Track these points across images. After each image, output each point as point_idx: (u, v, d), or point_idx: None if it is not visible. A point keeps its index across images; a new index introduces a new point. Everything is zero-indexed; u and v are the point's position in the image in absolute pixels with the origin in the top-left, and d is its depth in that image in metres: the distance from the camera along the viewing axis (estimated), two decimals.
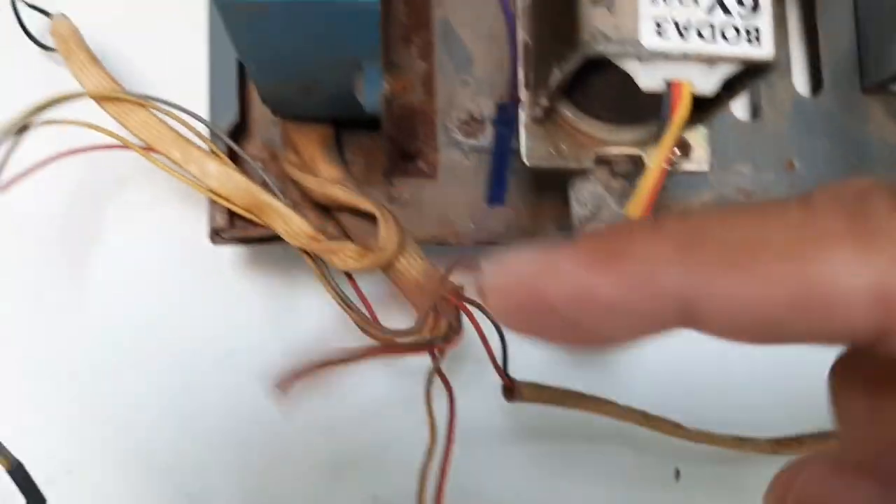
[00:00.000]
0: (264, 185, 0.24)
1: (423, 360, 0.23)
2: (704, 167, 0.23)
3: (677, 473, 0.28)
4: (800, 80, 0.29)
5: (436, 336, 0.22)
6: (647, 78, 0.19)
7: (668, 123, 0.19)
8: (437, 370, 0.23)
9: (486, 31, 0.27)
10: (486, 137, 0.26)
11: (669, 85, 0.19)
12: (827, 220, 0.10)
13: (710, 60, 0.18)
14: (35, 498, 0.19)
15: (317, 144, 0.25)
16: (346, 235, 0.25)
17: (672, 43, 0.18)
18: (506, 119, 0.25)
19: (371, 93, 0.21)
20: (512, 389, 0.24)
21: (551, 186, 0.26)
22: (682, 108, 0.19)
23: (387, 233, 0.23)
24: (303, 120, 0.25)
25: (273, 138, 0.26)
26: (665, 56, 0.18)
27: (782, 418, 0.27)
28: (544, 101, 0.22)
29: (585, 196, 0.23)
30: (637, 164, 0.23)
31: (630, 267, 0.10)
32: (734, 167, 0.27)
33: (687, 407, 0.27)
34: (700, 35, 0.18)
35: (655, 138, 0.20)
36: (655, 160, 0.20)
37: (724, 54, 0.18)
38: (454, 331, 0.22)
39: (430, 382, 0.23)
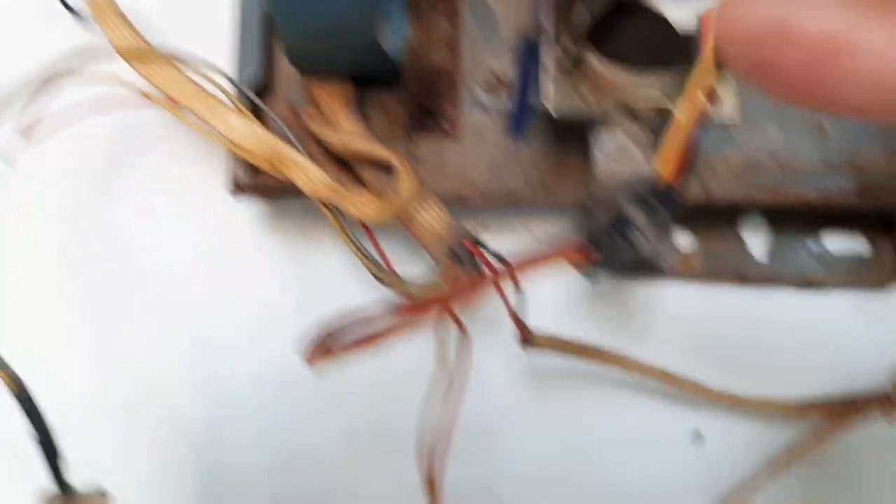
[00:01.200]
0: (286, 139, 0.25)
1: None
2: (735, 121, 0.23)
3: (697, 434, 0.28)
4: None
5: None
6: (679, 13, 0.18)
7: (698, 61, 0.18)
8: (449, 311, 0.22)
9: None
10: (511, 98, 0.26)
11: (700, 19, 0.18)
12: None
13: None
14: (40, 428, 0.19)
15: (338, 100, 0.25)
16: (365, 189, 0.25)
17: None
18: (531, 49, 0.24)
19: (394, 39, 0.21)
20: (528, 338, 0.23)
21: (572, 142, 0.25)
22: (712, 41, 0.18)
23: (404, 180, 0.23)
24: (325, 77, 0.25)
25: (296, 98, 0.26)
26: None
27: (811, 381, 0.27)
28: (572, 48, 0.21)
29: (611, 149, 0.23)
30: (666, 117, 0.22)
31: None
32: (763, 128, 0.27)
33: (709, 366, 0.26)
34: None
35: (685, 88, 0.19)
36: (684, 107, 0.19)
37: None
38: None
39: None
